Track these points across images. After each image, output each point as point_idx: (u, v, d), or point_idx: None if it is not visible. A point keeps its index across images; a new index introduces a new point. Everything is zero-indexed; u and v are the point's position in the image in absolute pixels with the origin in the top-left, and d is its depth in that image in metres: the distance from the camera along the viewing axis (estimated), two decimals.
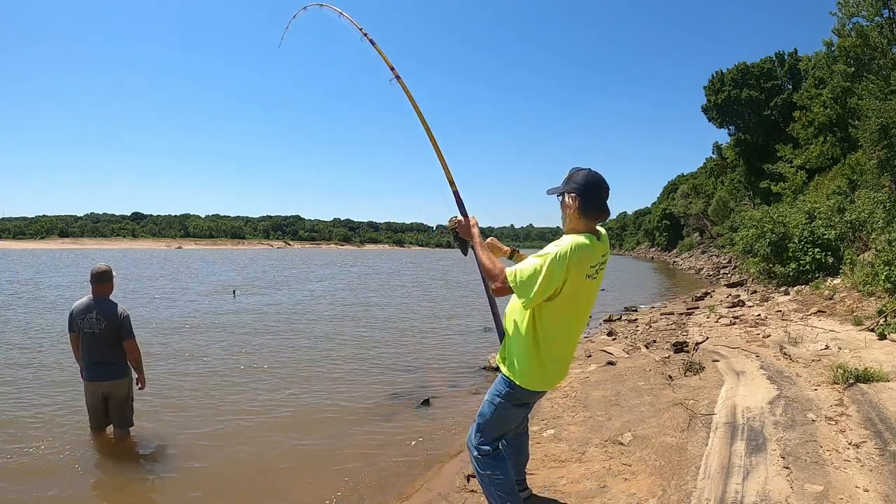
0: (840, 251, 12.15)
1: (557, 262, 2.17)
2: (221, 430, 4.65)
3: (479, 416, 2.52)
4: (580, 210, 2.29)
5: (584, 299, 2.34)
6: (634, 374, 5.68)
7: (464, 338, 9.37)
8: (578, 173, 2.32)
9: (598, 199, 2.30)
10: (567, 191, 2.32)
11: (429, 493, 3.39)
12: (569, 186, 2.32)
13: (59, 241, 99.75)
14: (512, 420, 2.54)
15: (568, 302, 2.26)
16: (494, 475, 2.46)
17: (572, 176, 2.33)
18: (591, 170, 2.33)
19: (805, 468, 2.98)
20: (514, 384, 2.39)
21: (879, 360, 5.03)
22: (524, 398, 2.46)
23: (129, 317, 4.03)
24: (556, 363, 2.41)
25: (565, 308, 2.28)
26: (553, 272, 2.16)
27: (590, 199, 2.29)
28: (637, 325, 9.63)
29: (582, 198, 2.28)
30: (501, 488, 2.46)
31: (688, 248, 43.90)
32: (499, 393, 2.45)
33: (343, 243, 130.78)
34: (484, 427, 2.49)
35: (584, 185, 2.28)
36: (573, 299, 2.27)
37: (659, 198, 65.07)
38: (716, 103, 32.89)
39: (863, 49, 16.98)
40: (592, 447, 3.71)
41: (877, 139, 13.12)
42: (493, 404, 2.46)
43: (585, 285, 2.28)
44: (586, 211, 2.29)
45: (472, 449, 2.52)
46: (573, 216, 2.31)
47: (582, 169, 2.34)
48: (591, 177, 2.30)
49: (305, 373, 6.73)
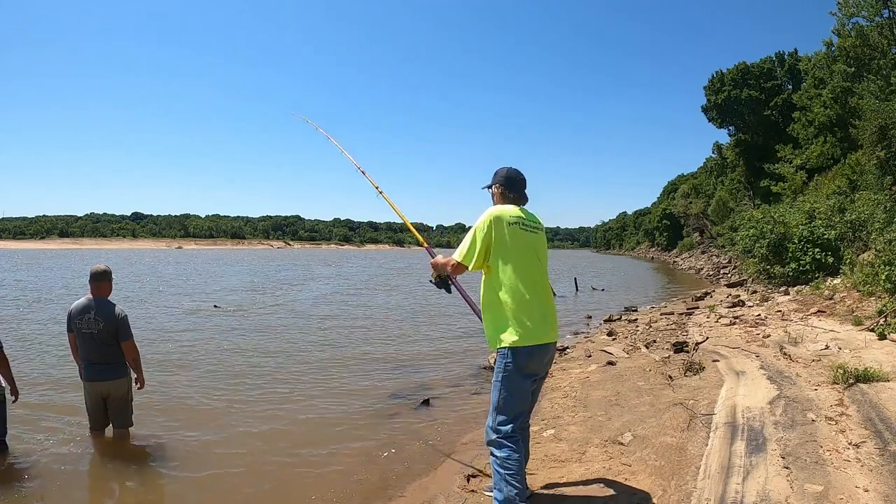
0: (840, 251, 12.15)
1: (481, 227, 2.73)
2: (221, 431, 4.64)
3: (491, 398, 2.72)
4: (503, 196, 2.90)
5: (525, 248, 2.75)
6: (634, 374, 5.67)
7: (464, 338, 9.36)
8: (501, 169, 2.94)
9: (516, 188, 2.91)
10: (494, 183, 2.95)
11: (429, 492, 3.39)
12: (494, 180, 2.94)
13: (59, 241, 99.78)
14: (521, 393, 2.70)
15: (507, 251, 2.70)
16: (509, 458, 2.59)
17: (497, 172, 2.95)
18: (511, 167, 2.95)
19: (805, 468, 2.98)
20: (505, 350, 2.64)
21: (879, 360, 5.02)
22: (522, 364, 2.64)
23: (127, 317, 4.03)
24: (528, 312, 2.67)
25: (509, 256, 2.70)
26: (479, 234, 2.72)
27: (508, 187, 2.90)
28: (637, 325, 9.62)
29: (504, 187, 2.90)
30: (512, 473, 2.58)
31: (688, 248, 43.95)
32: (500, 368, 2.67)
33: (343, 243, 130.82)
34: (498, 406, 2.67)
35: (504, 178, 2.91)
36: (512, 248, 2.71)
37: (659, 198, 65.19)
38: (716, 103, 32.90)
39: (863, 49, 16.99)
40: (592, 447, 3.71)
41: (876, 140, 13.12)
42: (499, 381, 2.67)
43: (516, 233, 2.73)
44: (507, 196, 2.89)
45: (490, 432, 2.69)
46: (498, 202, 2.91)
47: (504, 167, 2.96)
48: (510, 171, 2.93)
49: (305, 373, 6.72)
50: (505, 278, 2.68)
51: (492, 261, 2.71)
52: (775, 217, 14.11)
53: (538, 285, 2.76)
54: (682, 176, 55.72)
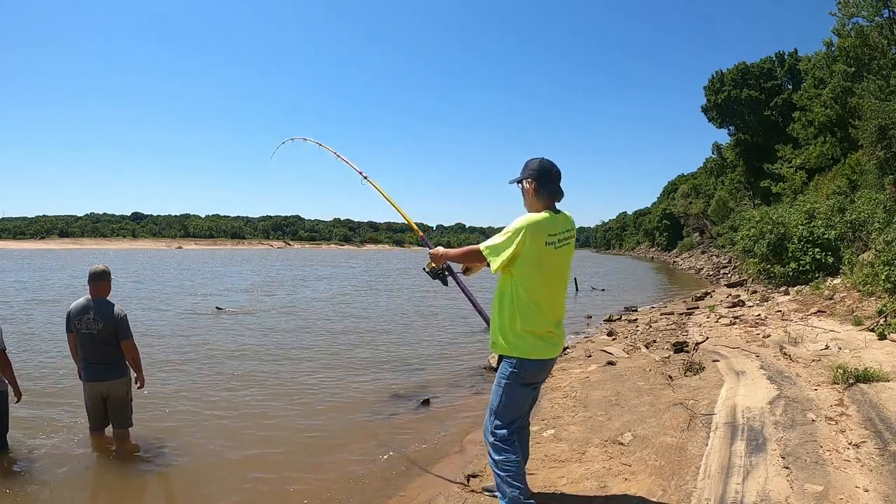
0: (840, 251, 12.15)
1: (515, 233, 2.52)
2: (222, 431, 4.64)
3: (490, 402, 2.67)
4: (536, 192, 2.63)
5: (553, 267, 2.60)
6: (634, 374, 5.67)
7: (464, 338, 9.37)
8: (533, 161, 2.67)
9: (551, 182, 2.63)
10: (525, 177, 2.66)
11: (429, 492, 3.38)
12: (526, 174, 2.66)
13: (59, 241, 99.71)
14: (521, 401, 2.67)
15: (535, 268, 2.54)
16: (507, 461, 2.56)
17: (528, 164, 2.67)
18: (544, 158, 2.67)
19: (805, 468, 2.98)
20: (512, 359, 2.57)
21: (879, 360, 5.03)
22: (526, 374, 2.59)
23: (126, 317, 4.02)
24: (543, 328, 2.59)
25: (535, 273, 2.55)
26: (511, 239, 2.52)
27: (544, 182, 2.62)
28: (637, 325, 9.62)
29: (537, 181, 2.62)
30: (512, 475, 2.55)
31: (688, 248, 43.97)
32: (504, 375, 2.61)
33: (343, 243, 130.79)
34: (497, 410, 2.62)
35: (538, 171, 2.63)
36: (540, 266, 2.55)
37: (659, 198, 65.20)
38: (716, 103, 32.90)
39: (863, 49, 16.99)
40: (592, 447, 3.70)
41: (875, 140, 13.12)
42: (501, 387, 2.61)
43: (549, 253, 2.56)
44: (541, 192, 2.63)
45: (488, 434, 2.64)
46: (531, 198, 2.65)
47: (535, 158, 2.68)
48: (543, 163, 2.65)
49: (305, 373, 6.73)
50: (524, 291, 2.54)
51: (515, 269, 2.56)
52: (773, 218, 14.11)
53: (556, 301, 2.66)
54: (682, 176, 55.73)
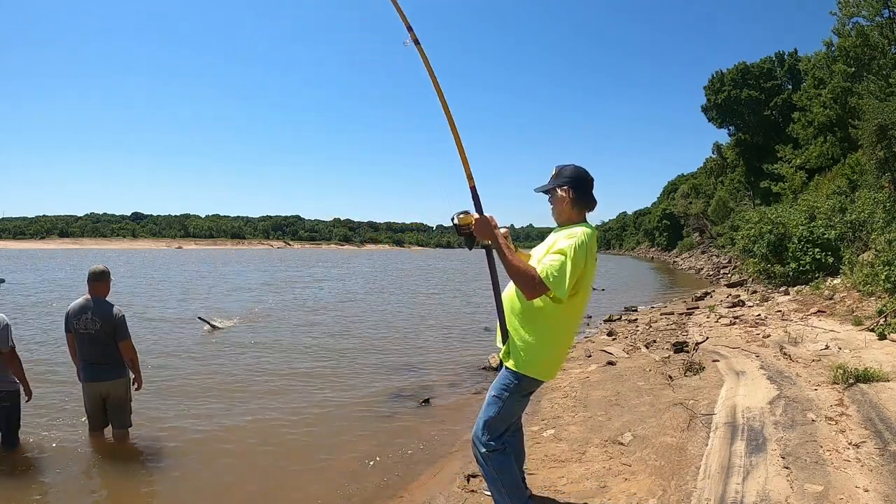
0: (840, 251, 12.15)
1: (580, 251, 2.27)
2: (222, 431, 4.64)
3: (486, 412, 2.50)
4: (574, 201, 2.45)
5: (590, 282, 2.46)
6: (634, 374, 5.67)
7: (464, 338, 9.37)
8: (566, 168, 2.50)
9: (587, 190, 2.49)
10: (559, 185, 2.47)
11: (429, 492, 3.38)
12: (560, 181, 2.47)
13: (59, 241, 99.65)
14: (517, 412, 2.60)
15: (584, 290, 2.40)
16: (501, 471, 2.48)
17: (561, 171, 2.50)
18: (576, 164, 2.51)
19: (805, 468, 2.98)
20: (523, 376, 2.41)
21: (879, 360, 5.03)
22: (531, 388, 2.52)
23: (124, 317, 4.03)
24: (565, 351, 2.54)
25: (584, 296, 2.42)
26: (577, 262, 2.26)
27: (581, 190, 2.46)
28: (637, 325, 9.61)
29: (574, 189, 2.44)
30: (508, 484, 2.48)
31: (688, 248, 43.92)
32: (506, 387, 2.44)
33: (343, 243, 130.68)
34: (491, 423, 2.47)
35: (575, 178, 2.46)
36: (587, 287, 2.41)
37: (659, 198, 65.13)
38: (716, 103, 32.91)
39: (863, 49, 17.00)
40: (592, 447, 3.70)
41: (875, 139, 13.12)
42: (502, 399, 2.45)
43: (592, 269, 2.41)
44: (579, 201, 2.46)
45: (480, 446, 2.49)
46: (567, 208, 2.46)
47: (568, 164, 2.51)
48: (579, 170, 2.49)
49: (305, 373, 6.73)
50: (563, 313, 2.37)
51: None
52: (773, 218, 14.11)
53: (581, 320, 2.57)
54: (682, 176, 55.67)
